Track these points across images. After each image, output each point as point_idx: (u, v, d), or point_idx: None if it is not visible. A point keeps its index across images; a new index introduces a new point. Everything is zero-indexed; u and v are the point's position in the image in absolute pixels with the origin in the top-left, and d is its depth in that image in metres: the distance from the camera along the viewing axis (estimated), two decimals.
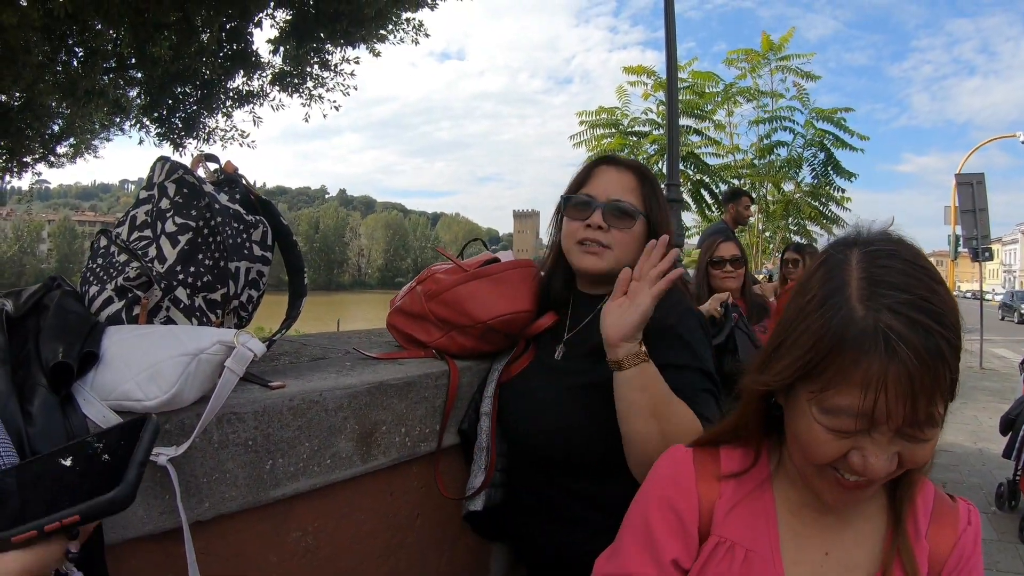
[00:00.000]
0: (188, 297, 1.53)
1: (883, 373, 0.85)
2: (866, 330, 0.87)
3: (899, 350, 0.85)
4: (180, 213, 1.57)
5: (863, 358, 0.87)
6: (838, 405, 0.90)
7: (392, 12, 9.32)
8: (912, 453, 0.92)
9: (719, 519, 1.08)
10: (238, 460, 1.42)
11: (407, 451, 1.82)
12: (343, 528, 1.73)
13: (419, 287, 2.05)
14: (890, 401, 0.86)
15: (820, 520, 1.07)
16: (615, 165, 1.88)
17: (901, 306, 0.87)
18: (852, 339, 0.88)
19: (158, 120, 10.85)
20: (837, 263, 0.96)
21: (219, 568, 1.45)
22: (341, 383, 1.66)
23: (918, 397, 0.86)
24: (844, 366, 0.88)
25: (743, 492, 1.10)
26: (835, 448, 0.93)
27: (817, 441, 0.94)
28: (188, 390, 1.29)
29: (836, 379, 0.89)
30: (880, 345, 0.86)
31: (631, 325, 1.47)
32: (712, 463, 1.13)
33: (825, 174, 14.98)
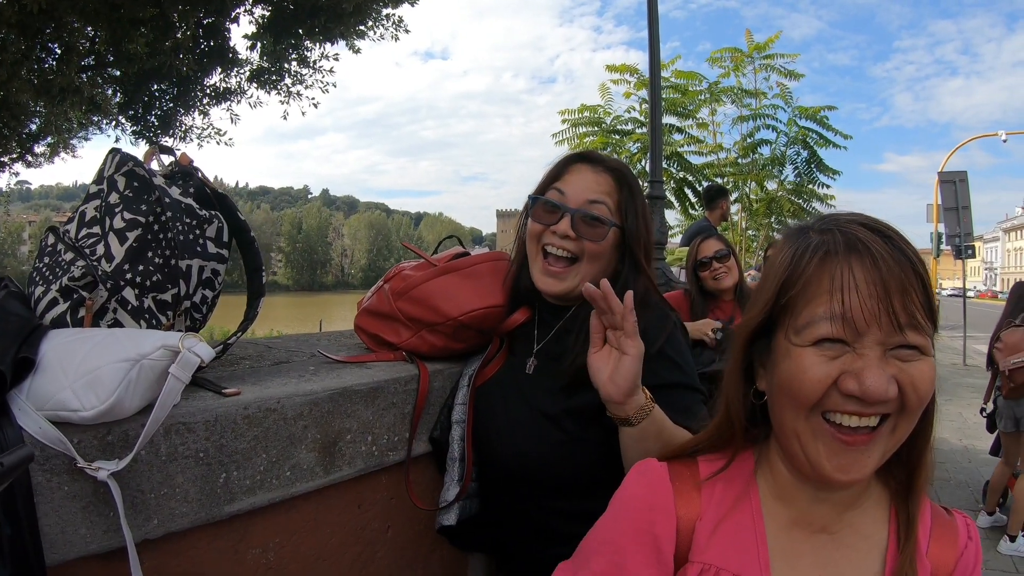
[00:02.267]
0: (136, 298, 1.44)
1: (848, 267, 0.87)
2: (827, 239, 0.91)
3: (859, 246, 0.88)
4: (129, 208, 1.48)
5: (827, 262, 0.89)
6: (813, 314, 0.89)
7: (371, 7, 9.23)
8: (909, 375, 0.88)
9: (700, 542, 1.00)
10: (188, 474, 1.32)
11: (374, 461, 1.73)
12: (308, 543, 1.63)
13: (386, 285, 1.96)
14: (863, 296, 0.86)
15: (813, 538, 1.00)
16: (592, 164, 1.75)
17: (857, 220, 0.92)
18: (814, 247, 0.91)
19: (134, 118, 10.75)
20: (797, 232, 0.98)
21: None
22: (301, 389, 1.56)
23: (891, 291, 0.85)
24: (809, 274, 0.90)
25: (726, 506, 1.02)
26: (823, 372, 0.89)
27: (803, 368, 0.90)
28: (129, 399, 1.19)
29: (806, 293, 0.90)
30: (840, 245, 0.89)
31: (632, 380, 1.36)
32: (690, 474, 1.06)
33: (808, 172, 15.05)
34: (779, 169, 15.36)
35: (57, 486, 1.16)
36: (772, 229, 15.56)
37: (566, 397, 1.62)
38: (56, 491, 1.16)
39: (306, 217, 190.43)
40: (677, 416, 1.46)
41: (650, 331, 1.58)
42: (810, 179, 15.06)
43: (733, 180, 15.62)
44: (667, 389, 1.53)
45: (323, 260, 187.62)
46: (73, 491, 1.18)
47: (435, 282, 1.85)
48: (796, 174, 15.23)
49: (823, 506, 0.99)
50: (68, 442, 1.14)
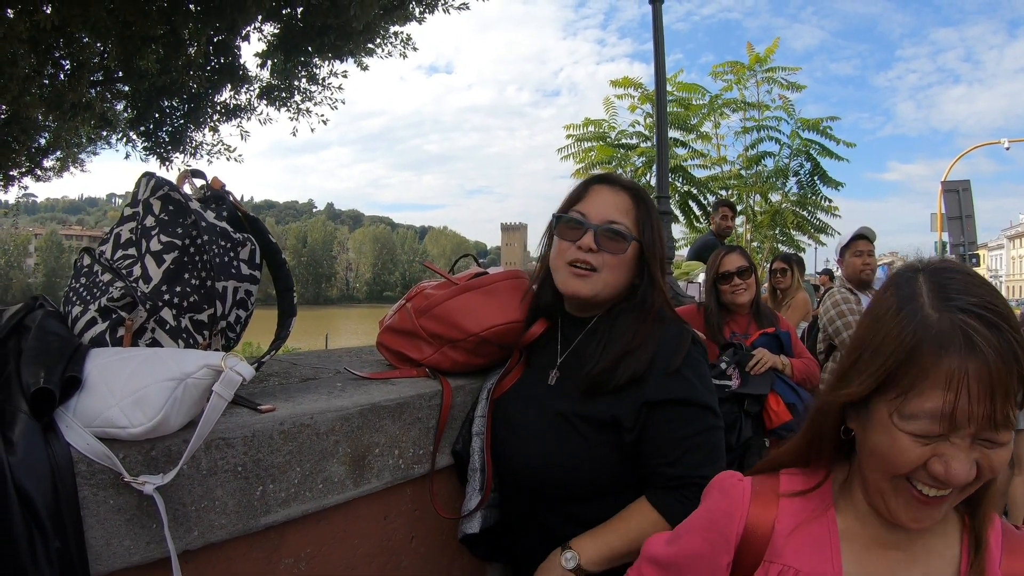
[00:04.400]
0: (174, 318, 1.49)
1: (964, 369, 0.88)
2: (944, 328, 0.91)
3: (978, 344, 0.88)
4: (165, 231, 1.53)
5: (944, 355, 0.89)
6: (921, 408, 0.91)
7: (380, 26, 9.31)
8: (990, 459, 0.93)
9: (779, 542, 1.08)
10: (227, 487, 1.38)
11: (401, 474, 1.78)
12: (337, 553, 1.68)
13: (409, 304, 2.02)
14: (972, 399, 0.87)
15: (887, 555, 1.06)
16: (611, 185, 1.84)
17: (972, 307, 0.91)
18: (932, 338, 0.91)
19: (145, 134, 10.80)
20: (906, 280, 1.01)
21: None
22: (332, 405, 1.62)
23: (996, 395, 0.88)
24: (925, 366, 0.91)
25: (805, 514, 1.10)
26: (916, 455, 0.94)
27: (898, 449, 0.95)
28: (175, 416, 1.24)
29: (918, 381, 0.91)
30: (959, 340, 0.89)
31: None
32: (771, 485, 1.14)
33: (811, 183, 15.03)
34: (782, 181, 15.35)
35: (103, 500, 1.21)
36: (776, 241, 15.54)
37: (585, 402, 1.68)
38: (102, 505, 1.21)
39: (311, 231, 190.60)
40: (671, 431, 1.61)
41: (667, 346, 1.65)
42: (813, 191, 15.05)
43: (737, 192, 15.63)
44: (673, 404, 1.63)
45: (328, 274, 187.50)
46: (118, 504, 1.22)
47: (456, 300, 1.91)
48: (799, 186, 15.22)
49: (898, 530, 1.04)
50: (115, 457, 1.18)
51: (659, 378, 1.64)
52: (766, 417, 3.21)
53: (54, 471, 1.12)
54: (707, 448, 1.64)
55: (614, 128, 15.18)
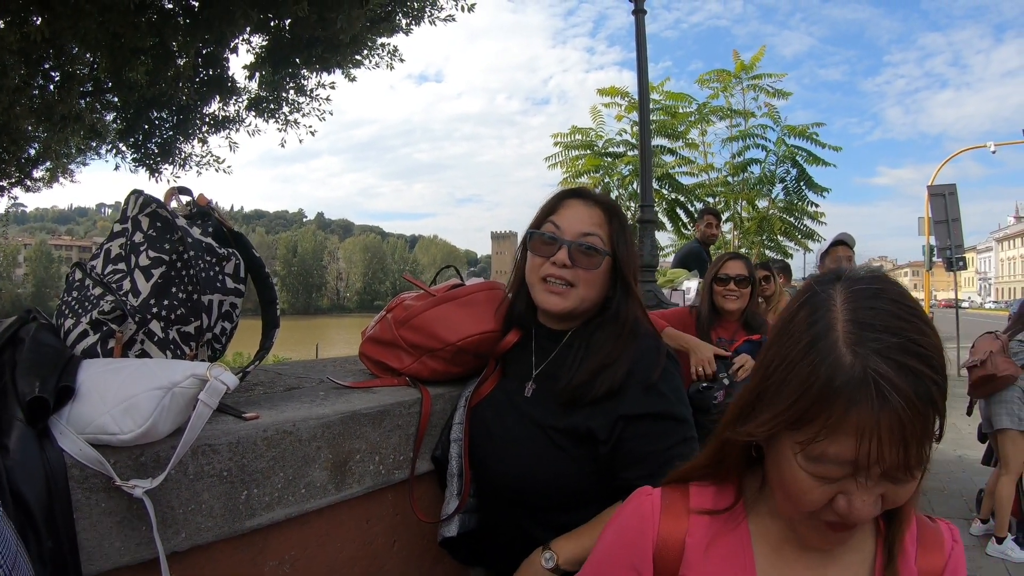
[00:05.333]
0: (162, 330, 1.55)
1: (875, 422, 0.83)
2: (855, 378, 0.85)
3: (890, 398, 0.83)
4: (153, 247, 1.60)
5: (853, 407, 0.84)
6: (827, 453, 0.88)
7: (367, 38, 9.39)
8: (896, 493, 0.91)
9: (692, 556, 1.04)
10: (213, 491, 1.44)
11: (381, 479, 1.84)
12: (321, 556, 1.74)
13: (389, 315, 2.08)
14: (883, 447, 0.84)
15: (803, 556, 1.04)
16: (584, 199, 1.86)
17: (890, 350, 0.85)
18: (841, 387, 0.85)
19: (134, 145, 10.85)
20: (821, 303, 0.94)
21: None
22: (314, 413, 1.69)
23: (909, 443, 0.84)
24: (833, 415, 0.86)
25: (716, 528, 1.06)
26: (821, 495, 0.91)
27: (803, 490, 0.92)
28: (162, 423, 1.31)
29: (826, 429, 0.87)
30: (871, 393, 0.84)
31: None
32: (681, 498, 1.10)
33: (798, 190, 15.07)
34: (769, 188, 15.39)
35: (95, 503, 1.27)
36: (764, 247, 15.57)
37: (562, 415, 1.72)
38: (94, 507, 1.27)
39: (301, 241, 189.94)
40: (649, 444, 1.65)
41: (643, 361, 1.71)
42: (799, 197, 15.09)
43: (724, 200, 15.68)
44: (651, 418, 1.67)
45: (318, 284, 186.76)
46: (109, 507, 1.29)
47: (434, 311, 1.98)
48: (785, 192, 15.27)
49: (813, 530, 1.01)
50: (106, 462, 1.25)
51: (636, 392, 1.68)
52: None
53: (48, 475, 1.18)
54: (683, 459, 1.68)
55: (601, 136, 15.17)
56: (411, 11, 9.38)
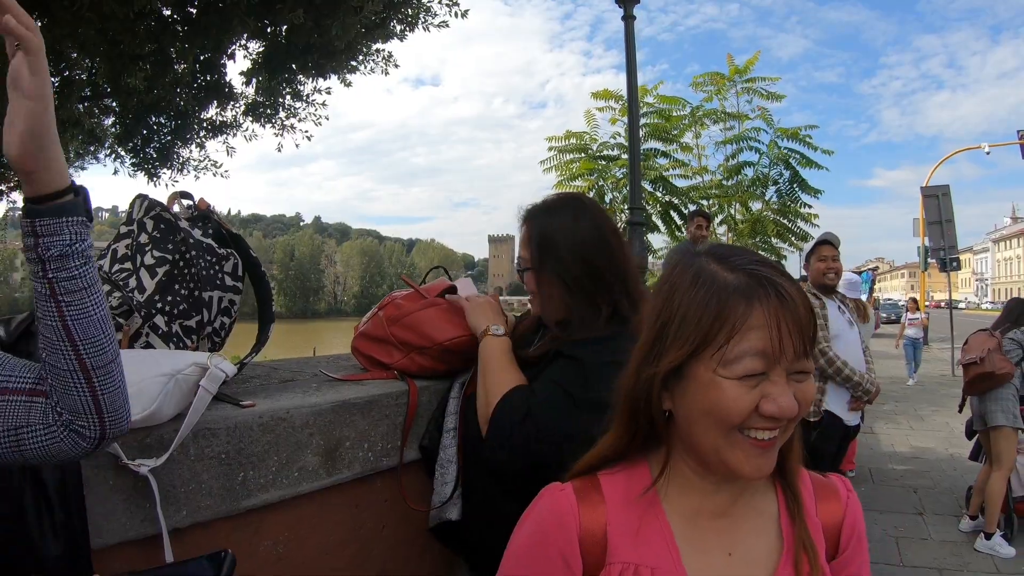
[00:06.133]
0: (166, 324, 1.67)
1: (775, 312, 0.97)
2: (745, 282, 0.99)
3: (779, 289, 0.98)
4: (158, 247, 1.72)
5: (758, 303, 0.98)
6: (742, 349, 0.98)
7: (362, 44, 9.51)
8: (803, 392, 1.01)
9: (615, 544, 1.08)
10: (212, 472, 1.56)
11: (370, 465, 1.96)
12: (312, 539, 1.86)
13: (381, 312, 2.20)
14: (784, 336, 0.96)
15: (715, 524, 1.10)
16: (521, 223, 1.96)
17: (762, 266, 1.02)
18: (737, 292, 0.99)
19: (132, 150, 10.95)
20: (689, 257, 1.08)
21: None
22: (307, 402, 1.80)
23: (801, 329, 0.98)
24: (739, 315, 0.98)
25: (632, 512, 1.10)
26: (747, 401, 0.99)
27: (729, 398, 0.99)
28: (166, 407, 1.43)
29: (735, 329, 0.98)
30: (770, 290, 0.98)
31: None
32: (594, 490, 1.13)
33: (791, 192, 15.13)
34: (762, 190, 15.46)
35: (103, 480, 1.40)
36: (758, 249, 15.60)
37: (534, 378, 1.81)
38: (102, 484, 1.40)
39: (298, 244, 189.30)
40: None
41: None
42: (792, 199, 15.15)
43: (718, 202, 15.75)
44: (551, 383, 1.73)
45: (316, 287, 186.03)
46: (117, 485, 1.41)
47: (424, 312, 2.10)
48: (778, 194, 15.34)
49: (721, 495, 1.10)
50: (115, 443, 1.37)
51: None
52: None
53: None
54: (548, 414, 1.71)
55: (596, 140, 15.17)
56: (405, 18, 9.48)
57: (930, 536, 5.54)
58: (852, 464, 7.18)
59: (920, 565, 4.96)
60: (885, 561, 4.99)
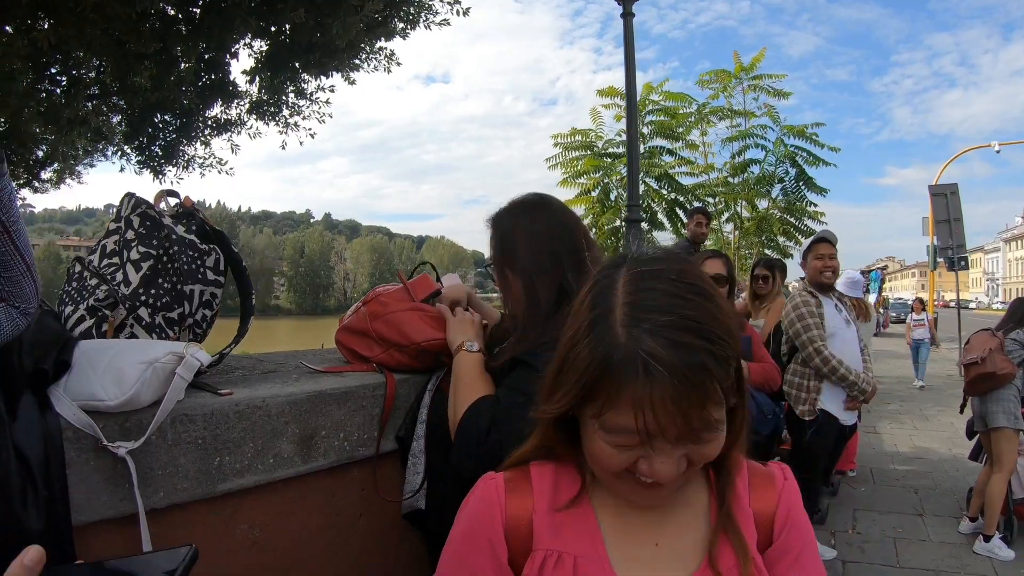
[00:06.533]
0: (149, 316, 1.77)
1: (648, 395, 0.90)
2: (627, 356, 0.92)
3: (657, 373, 0.90)
4: (143, 243, 1.81)
5: (627, 383, 0.92)
6: (616, 424, 0.95)
7: (364, 42, 9.58)
8: (698, 452, 0.98)
9: (544, 533, 1.10)
10: (189, 456, 1.65)
11: (346, 454, 2.04)
12: (289, 525, 1.95)
13: (364, 308, 2.28)
14: (660, 419, 0.91)
15: (643, 516, 1.10)
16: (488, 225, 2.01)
17: (661, 328, 0.92)
18: (616, 364, 0.93)
19: (138, 148, 11.08)
20: (604, 288, 1.02)
21: None
22: (283, 391, 1.89)
23: (687, 411, 0.91)
24: (613, 390, 0.93)
25: (561, 502, 1.12)
26: (622, 460, 0.98)
27: (605, 455, 0.99)
28: (144, 392, 1.53)
29: (609, 402, 0.94)
30: (640, 369, 0.91)
31: None
32: (524, 480, 1.16)
33: (797, 190, 15.11)
34: (768, 188, 15.42)
35: (85, 461, 1.49)
36: (764, 247, 15.58)
37: None
38: (84, 465, 1.49)
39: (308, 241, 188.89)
40: None
41: None
42: (798, 197, 15.12)
43: (724, 200, 15.74)
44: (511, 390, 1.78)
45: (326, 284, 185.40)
46: (97, 466, 1.51)
47: (405, 313, 2.18)
48: (783, 192, 15.31)
49: None
50: (96, 426, 1.47)
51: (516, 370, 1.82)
52: None
53: (46, 435, 1.40)
54: None
55: (601, 137, 15.12)
56: (407, 16, 9.56)
57: (929, 537, 5.48)
58: (853, 464, 7.13)
59: (917, 567, 4.91)
60: (882, 562, 4.96)
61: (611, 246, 13.41)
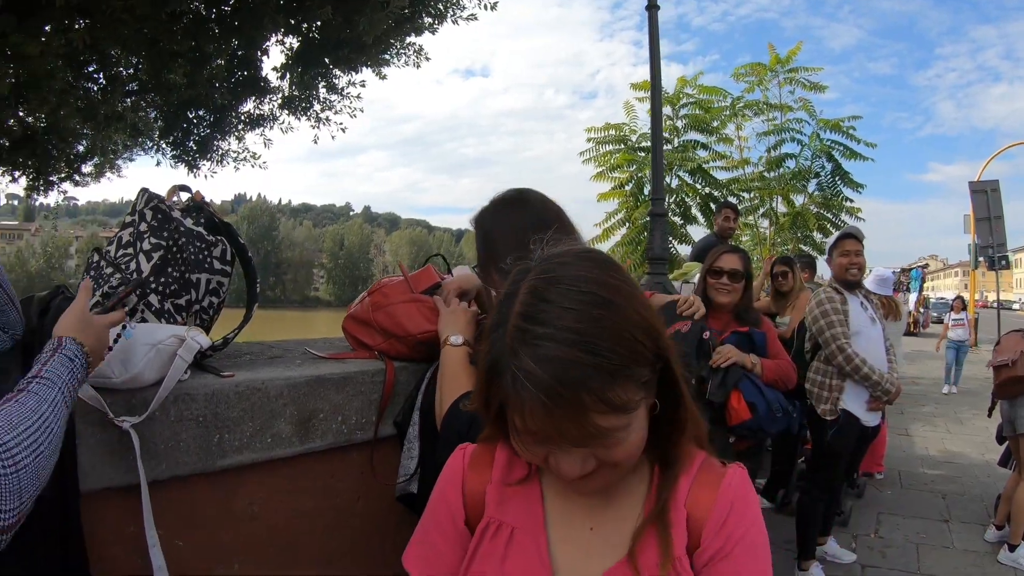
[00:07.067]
0: (159, 302, 1.89)
1: (521, 406, 0.95)
2: (506, 369, 0.96)
3: (527, 388, 0.92)
4: (154, 235, 1.94)
5: (507, 393, 0.97)
6: (515, 424, 1.00)
7: (392, 37, 9.72)
8: (607, 455, 1.00)
9: (492, 503, 1.17)
10: (190, 432, 1.78)
11: (343, 437, 2.15)
12: (287, 503, 2.06)
13: (369, 298, 2.38)
14: (544, 426, 0.94)
15: (587, 500, 1.14)
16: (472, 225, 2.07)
17: (539, 341, 0.94)
18: (499, 376, 0.98)
19: (173, 143, 11.37)
20: (509, 296, 1.04)
21: (176, 520, 1.81)
22: (283, 375, 2.01)
23: (560, 423, 0.93)
24: (503, 396, 1.00)
25: (512, 479, 1.19)
26: (535, 454, 1.03)
27: (520, 449, 1.05)
28: (148, 371, 1.68)
29: (506, 404, 1.00)
30: (512, 383, 0.95)
31: None
32: (487, 455, 1.23)
33: (832, 185, 14.89)
34: (803, 183, 15.19)
35: (92, 434, 1.63)
36: (799, 243, 15.36)
37: None
38: (91, 437, 1.63)
39: (348, 234, 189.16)
40: None
41: None
42: (834, 192, 14.88)
43: (759, 195, 15.55)
44: None
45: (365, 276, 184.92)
46: (104, 439, 1.64)
47: (403, 306, 2.27)
48: (819, 187, 15.07)
49: None
50: (103, 401, 1.61)
51: None
52: (726, 415, 3.43)
53: None
54: None
55: (635, 131, 14.89)
56: (434, 11, 9.70)
57: (953, 544, 5.29)
58: (881, 467, 6.99)
59: (939, 574, 4.78)
60: (903, 568, 4.84)
61: (644, 240, 13.33)
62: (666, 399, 1.06)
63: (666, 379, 1.05)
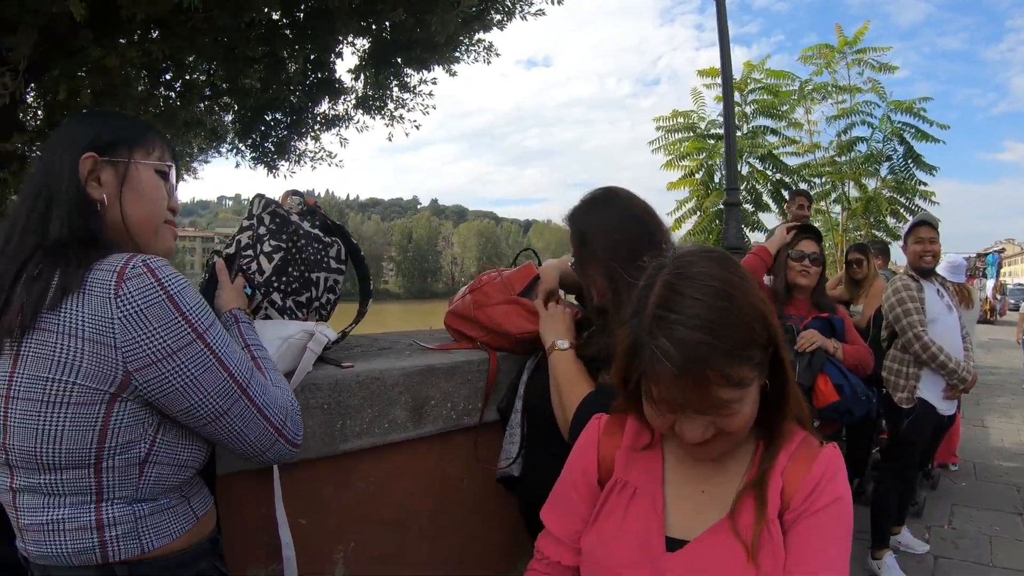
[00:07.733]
0: (281, 300, 2.03)
1: (659, 378, 1.14)
2: (645, 350, 1.15)
3: (663, 363, 1.11)
4: (274, 237, 2.07)
5: (646, 368, 1.16)
6: (651, 393, 1.19)
7: (463, 35, 9.83)
8: (725, 423, 1.18)
9: (620, 465, 1.38)
10: (316, 419, 1.93)
11: (452, 422, 2.28)
12: (400, 484, 2.21)
13: (470, 296, 2.47)
14: (676, 399, 1.14)
15: (700, 465, 1.32)
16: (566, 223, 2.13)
17: (673, 327, 1.12)
18: (640, 353, 1.17)
19: (252, 145, 11.71)
20: (646, 288, 1.23)
21: (300, 501, 1.95)
22: (398, 365, 2.15)
23: (688, 393, 1.12)
24: (641, 371, 1.18)
25: (640, 445, 1.38)
26: (663, 422, 1.22)
27: (651, 417, 1.25)
28: (280, 363, 1.80)
29: (644, 377, 1.19)
30: (655, 360, 1.12)
31: None
32: (619, 424, 1.43)
33: (905, 168, 14.47)
34: (875, 167, 14.79)
35: None
36: (872, 228, 14.97)
37: None
38: None
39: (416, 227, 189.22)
40: None
41: None
42: (907, 175, 14.46)
43: (831, 180, 15.20)
44: None
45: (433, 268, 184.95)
46: None
47: (503, 307, 2.37)
48: (891, 170, 14.65)
49: None
50: None
51: None
52: (813, 396, 3.47)
53: None
54: None
55: (703, 119, 14.68)
56: (503, 8, 9.80)
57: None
58: (956, 458, 6.87)
59: (1010, 567, 4.69)
60: (975, 560, 4.77)
61: (716, 228, 13.18)
62: (774, 380, 1.24)
63: (775, 362, 1.22)
